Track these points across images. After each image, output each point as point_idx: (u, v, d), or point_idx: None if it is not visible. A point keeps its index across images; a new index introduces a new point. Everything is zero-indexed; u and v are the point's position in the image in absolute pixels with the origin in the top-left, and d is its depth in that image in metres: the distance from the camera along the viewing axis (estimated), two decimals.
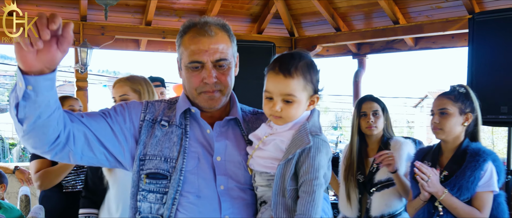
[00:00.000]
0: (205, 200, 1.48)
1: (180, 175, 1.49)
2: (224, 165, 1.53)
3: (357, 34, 6.11)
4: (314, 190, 1.35)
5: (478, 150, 2.34)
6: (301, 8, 6.44)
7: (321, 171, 1.37)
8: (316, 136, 1.40)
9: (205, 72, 1.52)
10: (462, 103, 2.40)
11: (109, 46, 5.87)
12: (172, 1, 5.99)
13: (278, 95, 1.43)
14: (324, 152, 1.40)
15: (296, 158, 1.39)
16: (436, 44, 5.92)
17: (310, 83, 1.45)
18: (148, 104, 1.65)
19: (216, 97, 1.55)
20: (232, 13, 6.40)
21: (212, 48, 1.51)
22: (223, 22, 1.60)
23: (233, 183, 1.51)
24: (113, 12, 5.73)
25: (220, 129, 1.58)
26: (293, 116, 1.45)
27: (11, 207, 2.88)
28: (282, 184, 1.39)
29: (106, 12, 4.53)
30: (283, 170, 1.39)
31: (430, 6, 5.41)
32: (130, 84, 2.57)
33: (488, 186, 2.28)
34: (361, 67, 6.72)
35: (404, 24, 5.61)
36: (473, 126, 2.44)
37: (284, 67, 1.42)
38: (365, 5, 5.88)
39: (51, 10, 5.52)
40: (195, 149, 1.53)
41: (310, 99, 1.48)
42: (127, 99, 2.51)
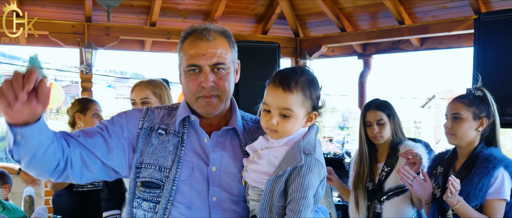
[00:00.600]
0: (195, 212, 1.48)
1: (173, 185, 1.49)
2: (218, 176, 1.51)
3: (362, 34, 6.08)
4: (300, 210, 1.33)
5: (489, 156, 2.24)
6: (306, 9, 6.41)
7: (311, 191, 1.35)
8: (309, 155, 1.38)
9: (202, 75, 1.51)
10: (477, 108, 2.31)
11: (114, 46, 5.88)
12: (176, 2, 5.99)
13: (276, 108, 1.42)
14: (316, 171, 1.38)
15: (287, 175, 1.37)
16: (442, 45, 5.88)
17: (309, 100, 1.44)
18: (148, 111, 1.65)
19: (213, 103, 1.54)
20: (236, 14, 6.39)
21: (210, 52, 1.51)
22: (223, 29, 1.59)
23: (226, 195, 1.50)
24: (118, 13, 5.74)
25: (217, 139, 1.56)
26: (289, 131, 1.44)
27: (14, 208, 2.88)
28: (270, 199, 1.38)
29: (108, 14, 4.54)
30: (272, 186, 1.38)
31: (436, 6, 5.37)
32: (151, 88, 2.64)
33: (499, 194, 2.19)
34: (366, 68, 6.69)
35: (409, 25, 5.57)
36: (489, 131, 2.35)
37: (284, 81, 1.42)
38: (370, 5, 5.85)
39: (56, 11, 5.55)
40: (190, 158, 1.53)
41: (308, 116, 1.46)
42: (148, 102, 2.59)
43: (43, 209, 3.05)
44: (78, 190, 3.25)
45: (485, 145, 2.33)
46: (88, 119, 3.36)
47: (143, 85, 2.68)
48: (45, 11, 5.53)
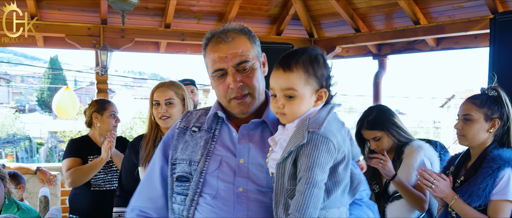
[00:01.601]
0: (220, 201, 1.52)
1: (200, 177, 1.54)
2: (246, 167, 1.53)
3: (376, 35, 6.03)
4: (305, 189, 1.29)
5: (497, 156, 2.20)
6: (320, 9, 6.39)
7: (316, 170, 1.30)
8: (313, 132, 1.33)
9: (229, 78, 1.54)
10: (489, 109, 2.27)
11: (129, 48, 5.95)
12: (191, 4, 6.02)
13: (279, 90, 1.41)
14: (324, 149, 1.32)
15: (294, 156, 1.34)
16: (459, 45, 5.79)
17: (314, 77, 1.40)
18: (187, 114, 1.75)
19: (247, 102, 1.57)
20: (250, 15, 6.39)
21: (231, 53, 1.54)
22: (241, 26, 1.62)
23: (253, 185, 1.51)
24: (133, 15, 5.80)
25: (246, 131, 1.58)
26: (297, 112, 1.40)
27: (28, 208, 2.94)
28: (282, 183, 1.37)
29: (123, 18, 4.59)
30: (282, 169, 1.37)
31: (452, 6, 5.29)
32: (174, 89, 2.70)
33: (503, 195, 2.15)
34: (381, 68, 6.63)
35: (425, 25, 5.51)
36: (504, 132, 2.30)
37: (285, 61, 1.41)
38: (385, 6, 5.80)
39: (72, 14, 5.64)
40: (219, 152, 1.57)
41: (317, 94, 1.42)
42: (172, 103, 2.65)
43: (57, 210, 3.10)
44: (96, 190, 3.31)
45: (499, 146, 2.28)
46: (105, 119, 3.42)
47: (166, 86, 2.72)
48: (62, 14, 5.62)
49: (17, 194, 3.03)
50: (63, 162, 3.35)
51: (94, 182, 3.31)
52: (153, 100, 2.70)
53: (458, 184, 2.32)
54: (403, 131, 2.81)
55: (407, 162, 2.69)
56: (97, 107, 3.47)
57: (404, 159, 2.72)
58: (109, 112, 3.45)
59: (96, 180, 3.31)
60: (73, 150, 3.37)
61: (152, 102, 2.71)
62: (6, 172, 3.03)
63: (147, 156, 2.60)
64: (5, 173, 2.94)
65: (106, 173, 3.36)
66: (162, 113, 2.64)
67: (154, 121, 2.74)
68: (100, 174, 3.33)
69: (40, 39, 5.90)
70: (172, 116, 2.66)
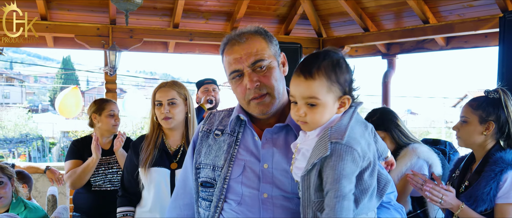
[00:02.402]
0: (245, 207, 1.49)
1: (224, 183, 1.52)
2: (271, 173, 1.50)
3: (385, 34, 5.99)
4: (334, 203, 1.24)
5: (499, 159, 2.17)
6: (328, 9, 6.36)
7: (343, 181, 1.25)
8: (336, 143, 1.27)
9: (246, 79, 1.52)
10: (484, 111, 2.25)
11: (137, 48, 5.98)
12: (199, 4, 6.04)
13: (301, 98, 1.35)
14: (349, 159, 1.26)
15: (318, 168, 1.29)
16: (469, 44, 5.73)
17: (336, 84, 1.34)
18: (210, 115, 1.73)
19: (266, 102, 1.53)
20: (259, 15, 6.39)
21: (246, 53, 1.52)
22: (256, 27, 1.59)
23: (278, 191, 1.48)
24: (141, 15, 5.84)
25: (271, 136, 1.55)
26: (319, 121, 1.35)
27: (35, 207, 2.96)
28: (308, 196, 1.32)
29: (126, 18, 4.61)
30: (307, 181, 1.32)
31: (461, 4, 5.23)
32: (177, 88, 2.66)
33: (507, 198, 2.12)
34: (390, 68, 6.59)
35: (434, 24, 5.45)
36: (507, 134, 2.25)
37: (306, 68, 1.35)
38: (394, 5, 5.76)
39: (81, 14, 5.68)
40: (243, 157, 1.55)
41: (340, 101, 1.37)
42: (175, 103, 2.61)
43: (64, 209, 3.12)
44: (96, 190, 3.32)
45: (502, 148, 2.25)
46: (103, 119, 3.42)
47: (168, 86, 2.67)
48: (72, 15, 5.66)
49: (25, 193, 3.06)
50: (65, 164, 3.39)
51: (94, 183, 3.32)
52: (155, 100, 2.66)
53: (462, 189, 2.30)
54: (405, 135, 2.85)
55: (398, 166, 2.71)
56: (95, 107, 3.47)
57: (397, 162, 2.72)
58: (107, 111, 3.43)
59: (96, 180, 3.32)
60: (74, 152, 3.38)
61: (154, 103, 2.67)
62: (14, 171, 3.05)
63: (148, 158, 2.56)
64: (12, 172, 2.97)
65: (106, 174, 3.36)
66: (165, 113, 2.60)
67: (156, 122, 2.69)
68: (100, 175, 3.33)
69: (50, 40, 5.96)
70: (174, 116, 2.61)
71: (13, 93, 41.58)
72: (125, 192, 2.67)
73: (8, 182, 2.89)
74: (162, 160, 2.57)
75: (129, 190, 2.65)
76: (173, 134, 2.68)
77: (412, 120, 38.23)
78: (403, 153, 2.76)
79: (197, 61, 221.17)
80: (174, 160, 2.60)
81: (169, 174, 2.54)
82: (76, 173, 3.24)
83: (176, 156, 2.62)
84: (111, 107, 3.48)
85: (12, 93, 41.55)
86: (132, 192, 2.64)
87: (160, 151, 2.60)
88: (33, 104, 43.77)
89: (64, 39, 6.07)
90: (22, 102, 40.17)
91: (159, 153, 2.59)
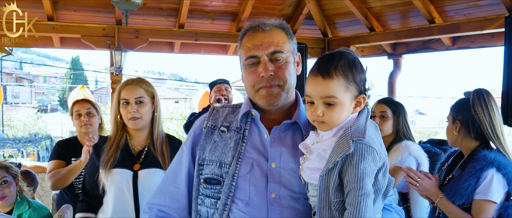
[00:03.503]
0: (253, 208, 1.48)
1: (232, 180, 1.50)
2: (278, 172, 1.49)
3: (391, 34, 5.97)
4: (359, 201, 1.24)
5: (482, 156, 2.28)
6: (333, 9, 6.35)
7: (367, 180, 1.26)
8: (358, 142, 1.29)
9: (261, 66, 1.51)
10: (453, 111, 2.44)
11: (143, 48, 6.01)
12: (204, 4, 6.05)
13: (318, 98, 1.35)
14: (370, 158, 1.28)
15: (339, 167, 1.30)
16: (475, 44, 5.70)
17: (353, 83, 1.35)
18: (214, 111, 1.70)
19: (274, 92, 1.52)
20: (264, 15, 6.39)
21: (267, 42, 1.51)
22: (280, 21, 1.59)
23: (285, 191, 1.47)
24: (147, 15, 5.87)
25: (278, 134, 1.54)
26: (337, 120, 1.36)
27: (39, 206, 2.98)
28: (327, 196, 1.32)
29: (126, 18, 4.64)
30: (326, 181, 1.31)
31: (467, 4, 5.20)
32: (144, 86, 2.52)
33: (484, 195, 2.22)
34: (396, 68, 6.57)
35: (439, 24, 5.43)
36: (478, 132, 2.35)
37: (323, 68, 1.35)
38: (400, 5, 5.74)
39: (88, 14, 5.72)
40: (250, 154, 1.53)
41: (356, 100, 1.38)
42: (143, 102, 2.47)
43: (68, 207, 3.14)
44: (79, 193, 3.12)
45: (490, 147, 2.36)
46: (73, 121, 3.36)
47: (135, 83, 2.52)
48: (78, 15, 5.70)
49: (29, 192, 3.09)
50: (48, 164, 3.28)
51: (77, 185, 3.24)
52: (121, 98, 2.48)
53: (446, 181, 2.42)
54: (407, 129, 2.93)
55: (389, 157, 2.81)
56: (70, 109, 3.42)
57: (389, 155, 2.83)
58: (73, 112, 3.35)
59: (78, 183, 3.22)
60: (57, 152, 3.27)
61: (119, 101, 2.49)
62: (19, 170, 3.08)
63: (109, 160, 2.40)
64: (17, 171, 3.00)
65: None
66: (133, 113, 2.45)
67: (120, 122, 2.52)
68: (82, 177, 3.14)
69: (57, 40, 6.01)
70: (142, 116, 2.48)
71: (22, 93, 41.93)
72: (86, 196, 2.51)
73: (13, 181, 2.91)
74: (124, 161, 2.42)
75: (90, 194, 2.49)
76: (138, 135, 2.54)
77: (420, 120, 38.01)
78: (396, 147, 2.87)
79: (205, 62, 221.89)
80: (138, 161, 2.45)
81: (131, 175, 2.39)
82: (59, 173, 3.12)
83: (140, 157, 2.47)
84: (76, 107, 3.37)
85: (22, 93, 41.91)
86: (93, 196, 2.48)
87: (123, 152, 2.46)
88: (42, 104, 44.09)
89: (71, 39, 6.12)
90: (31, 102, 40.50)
91: (121, 154, 2.45)
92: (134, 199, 2.38)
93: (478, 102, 2.33)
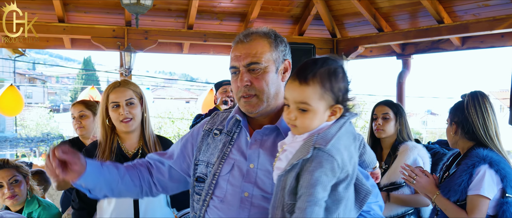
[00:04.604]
0: (226, 205, 1.56)
1: (213, 179, 1.60)
2: (255, 173, 1.55)
3: (399, 34, 5.95)
4: (305, 207, 1.24)
5: (474, 154, 2.34)
6: (342, 9, 6.35)
7: (318, 188, 1.25)
8: (320, 149, 1.29)
9: (239, 76, 1.59)
10: (450, 114, 2.50)
11: (152, 49, 6.06)
12: (213, 5, 6.09)
13: (293, 102, 1.37)
14: (328, 167, 1.27)
15: (297, 170, 1.30)
16: (485, 44, 5.64)
17: (330, 92, 1.35)
18: (214, 115, 1.80)
19: (252, 103, 1.59)
20: (272, 15, 6.42)
21: (245, 54, 1.58)
22: (266, 30, 1.65)
23: (259, 191, 1.53)
24: (156, 16, 5.92)
25: (260, 137, 1.60)
26: (308, 126, 1.36)
27: (49, 205, 3.04)
28: (282, 197, 1.33)
29: (137, 20, 4.69)
30: (283, 182, 1.33)
31: (476, 4, 5.16)
32: (132, 87, 2.50)
33: (476, 190, 2.27)
34: (405, 68, 6.53)
35: (448, 24, 5.39)
36: (473, 133, 2.40)
37: (302, 73, 1.35)
38: (408, 5, 5.71)
39: (98, 16, 5.79)
40: (234, 156, 1.61)
41: (331, 109, 1.37)
42: (133, 103, 2.45)
43: None
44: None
45: (486, 146, 2.39)
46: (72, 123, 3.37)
47: (123, 85, 2.49)
48: (88, 17, 5.78)
49: (40, 191, 3.15)
50: None
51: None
52: (111, 102, 2.44)
53: (443, 179, 2.49)
54: (407, 131, 3.03)
55: (401, 159, 2.85)
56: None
57: (399, 155, 2.89)
58: (71, 115, 3.38)
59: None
60: None
61: (107, 105, 2.46)
62: (29, 169, 3.14)
63: None
64: (27, 170, 3.06)
65: None
66: (125, 115, 2.41)
67: (109, 126, 2.49)
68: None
69: (68, 41, 6.08)
70: (135, 117, 2.45)
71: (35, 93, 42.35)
72: (82, 203, 2.47)
73: (23, 180, 2.97)
74: None
75: (86, 200, 2.43)
76: (129, 137, 2.50)
77: (432, 120, 37.70)
78: (404, 148, 2.92)
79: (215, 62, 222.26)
80: None
81: None
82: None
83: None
84: (71, 110, 3.40)
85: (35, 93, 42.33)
86: (89, 203, 2.45)
87: (117, 156, 2.42)
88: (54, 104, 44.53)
89: (81, 40, 6.19)
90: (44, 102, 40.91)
91: (116, 158, 2.40)
92: (134, 203, 2.39)
93: (472, 104, 2.39)
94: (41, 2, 5.45)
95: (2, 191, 2.87)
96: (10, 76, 21.34)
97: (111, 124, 2.49)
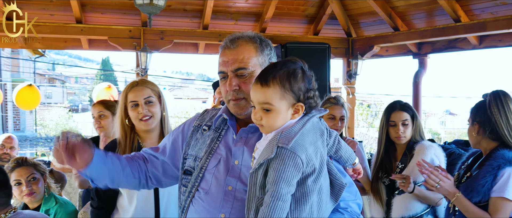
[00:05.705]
0: (210, 197, 1.64)
1: (200, 172, 1.68)
2: (239, 169, 1.63)
3: (415, 33, 5.90)
4: (269, 202, 1.35)
5: (499, 155, 2.29)
6: (357, 8, 6.32)
7: (282, 184, 1.36)
8: (282, 148, 1.39)
9: (228, 81, 1.66)
10: (472, 114, 2.45)
11: (168, 50, 6.12)
12: (228, 5, 6.12)
13: (257, 103, 1.47)
14: (291, 164, 1.38)
15: (264, 168, 1.41)
16: (503, 42, 5.57)
17: (290, 92, 1.45)
18: (204, 112, 1.88)
19: (241, 105, 1.67)
20: (287, 15, 6.42)
21: (232, 59, 1.64)
22: (253, 35, 1.71)
23: (241, 186, 1.60)
24: (171, 17, 5.97)
25: (246, 135, 1.67)
26: (273, 125, 1.47)
27: (66, 202, 3.10)
28: (255, 191, 1.44)
29: (150, 21, 4.73)
30: (254, 178, 1.44)
31: (494, 2, 5.10)
32: (150, 86, 2.51)
33: (500, 192, 2.23)
34: (421, 67, 6.48)
35: (465, 22, 5.34)
36: (496, 132, 2.36)
37: (263, 76, 1.47)
38: (424, 4, 5.67)
39: (114, 17, 5.87)
40: (221, 152, 1.69)
41: (294, 108, 1.47)
42: (152, 101, 2.46)
43: None
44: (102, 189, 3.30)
45: (509, 147, 2.34)
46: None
47: (141, 84, 2.50)
48: (105, 18, 5.86)
49: (57, 189, 3.20)
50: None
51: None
52: (129, 101, 2.46)
53: (464, 179, 2.43)
54: (420, 130, 2.99)
55: (418, 158, 2.78)
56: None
57: (415, 155, 2.85)
58: (92, 115, 3.45)
59: None
60: None
61: (126, 105, 2.47)
62: (47, 168, 3.20)
63: None
64: (45, 168, 3.12)
65: None
66: (144, 113, 2.43)
67: (128, 125, 2.50)
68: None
69: (85, 42, 6.18)
70: (154, 115, 2.46)
71: (55, 93, 42.95)
72: (101, 202, 2.47)
73: (41, 178, 3.03)
74: None
75: (105, 199, 2.45)
76: (150, 136, 2.51)
77: (451, 121, 37.18)
78: (420, 147, 2.89)
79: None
80: None
81: None
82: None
83: None
84: (91, 110, 3.49)
85: (54, 93, 42.93)
86: (108, 202, 2.47)
87: None
88: (73, 104, 45.10)
89: (99, 41, 6.28)
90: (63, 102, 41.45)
91: None
92: (155, 202, 2.42)
93: (495, 104, 2.33)
94: (59, 3, 5.55)
95: (20, 189, 2.93)
96: (31, 76, 21.72)
97: (131, 123, 2.50)
